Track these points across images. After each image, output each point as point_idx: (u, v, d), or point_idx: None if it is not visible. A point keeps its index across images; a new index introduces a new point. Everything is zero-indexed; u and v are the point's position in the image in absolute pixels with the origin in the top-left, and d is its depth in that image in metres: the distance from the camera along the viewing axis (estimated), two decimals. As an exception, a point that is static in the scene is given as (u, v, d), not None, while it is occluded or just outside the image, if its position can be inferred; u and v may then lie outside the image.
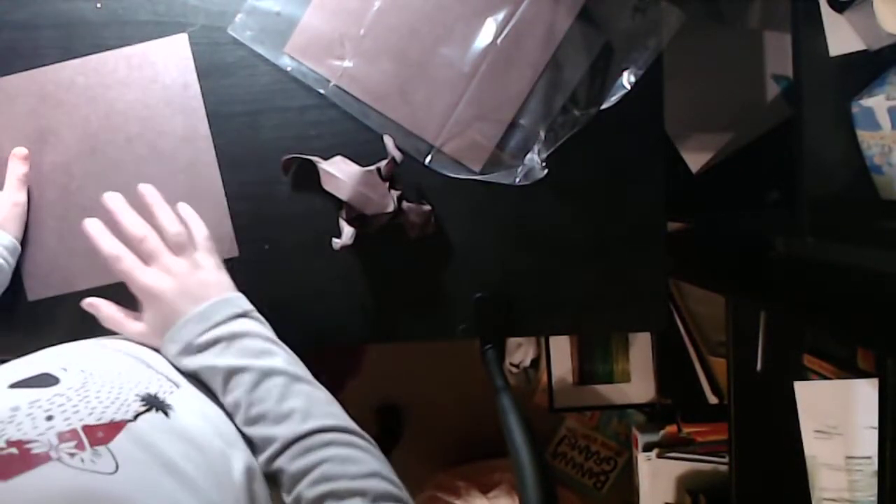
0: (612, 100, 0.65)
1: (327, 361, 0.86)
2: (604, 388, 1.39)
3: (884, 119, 0.65)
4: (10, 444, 0.37)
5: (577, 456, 1.51)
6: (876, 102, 0.65)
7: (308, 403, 0.51)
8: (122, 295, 0.69)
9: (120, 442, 0.40)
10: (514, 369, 1.47)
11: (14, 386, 0.44)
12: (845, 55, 0.68)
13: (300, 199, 0.70)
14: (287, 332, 0.71)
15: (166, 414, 0.45)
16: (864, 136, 0.69)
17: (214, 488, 0.43)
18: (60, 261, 0.70)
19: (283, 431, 0.49)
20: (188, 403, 0.49)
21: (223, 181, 0.69)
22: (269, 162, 0.68)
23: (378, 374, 1.49)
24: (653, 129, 0.69)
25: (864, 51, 0.67)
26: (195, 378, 0.53)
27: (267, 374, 0.51)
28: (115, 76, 0.68)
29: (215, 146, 0.69)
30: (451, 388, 1.53)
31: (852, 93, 0.69)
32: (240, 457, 0.48)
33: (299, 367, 0.55)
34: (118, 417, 0.42)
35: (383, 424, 1.57)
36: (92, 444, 0.39)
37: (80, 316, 0.67)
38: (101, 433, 0.40)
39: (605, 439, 1.50)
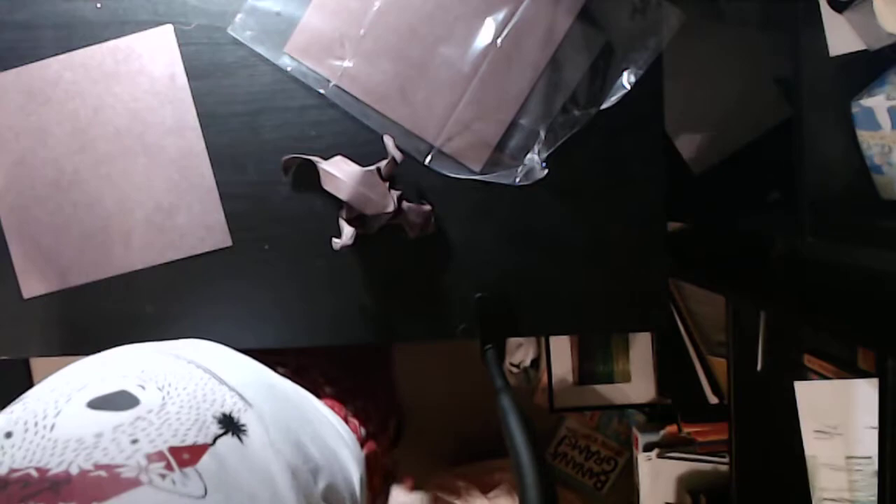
0: (612, 100, 0.65)
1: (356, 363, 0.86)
2: (604, 388, 1.39)
3: (884, 119, 0.65)
4: (98, 466, 0.37)
5: (578, 456, 1.51)
6: (876, 102, 0.65)
7: None
8: (114, 289, 0.70)
9: (205, 464, 0.40)
10: (514, 369, 1.46)
11: (93, 405, 0.43)
12: (845, 55, 0.67)
13: (300, 199, 0.70)
14: (287, 332, 0.72)
15: (240, 439, 0.46)
16: (864, 136, 0.69)
17: None
18: (54, 257, 0.70)
19: None
20: (261, 424, 0.49)
21: (224, 181, 0.69)
22: (269, 162, 0.68)
23: (378, 374, 1.49)
24: (653, 129, 0.69)
25: (864, 51, 0.67)
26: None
27: None
28: (102, 70, 0.68)
29: (216, 146, 0.69)
30: (451, 388, 1.52)
31: (852, 93, 0.69)
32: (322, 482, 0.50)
33: None
34: (200, 440, 0.42)
35: (383, 424, 1.56)
36: (180, 466, 0.39)
37: (77, 311, 0.67)
38: (187, 455, 0.40)
39: (605, 439, 1.50)
